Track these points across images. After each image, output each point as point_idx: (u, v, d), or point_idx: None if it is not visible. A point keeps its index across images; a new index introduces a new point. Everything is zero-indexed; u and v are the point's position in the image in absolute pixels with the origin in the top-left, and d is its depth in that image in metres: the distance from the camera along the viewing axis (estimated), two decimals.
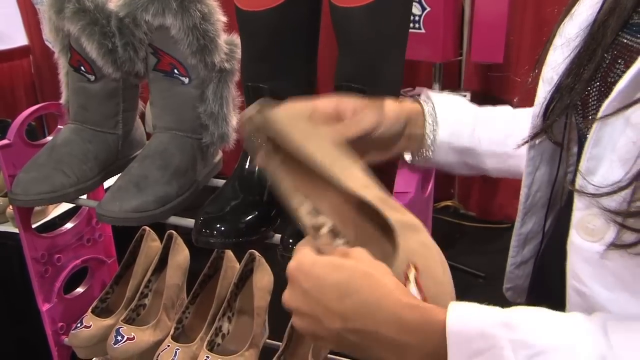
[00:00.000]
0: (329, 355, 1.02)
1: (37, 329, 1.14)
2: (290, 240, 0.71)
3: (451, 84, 2.69)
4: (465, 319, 0.48)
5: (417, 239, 0.55)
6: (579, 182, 0.53)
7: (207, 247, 0.76)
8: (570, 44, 0.60)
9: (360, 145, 0.64)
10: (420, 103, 0.76)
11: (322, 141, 0.59)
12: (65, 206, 1.60)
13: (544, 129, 0.63)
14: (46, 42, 2.47)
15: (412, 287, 0.52)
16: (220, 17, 0.88)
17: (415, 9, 2.20)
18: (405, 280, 0.53)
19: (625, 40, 0.53)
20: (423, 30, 2.23)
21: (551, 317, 0.49)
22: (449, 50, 2.30)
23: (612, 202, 0.49)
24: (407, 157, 0.80)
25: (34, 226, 1.08)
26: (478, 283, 2.34)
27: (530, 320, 0.48)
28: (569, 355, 0.45)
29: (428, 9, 2.18)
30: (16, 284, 1.51)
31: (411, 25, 2.23)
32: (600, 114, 0.51)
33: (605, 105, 0.50)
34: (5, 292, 1.57)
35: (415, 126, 0.74)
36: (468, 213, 3.02)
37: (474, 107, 0.79)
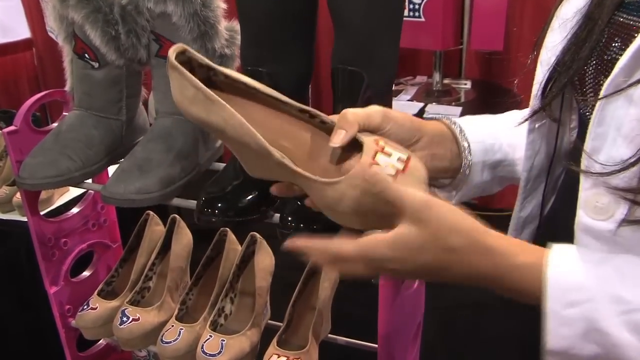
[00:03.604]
0: (329, 335, 1.05)
1: (45, 314, 1.17)
2: (289, 218, 0.73)
3: (452, 72, 2.70)
4: (565, 271, 0.50)
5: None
6: (585, 162, 0.54)
7: (208, 226, 0.78)
8: (567, 25, 0.61)
9: None
10: (445, 124, 0.72)
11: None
12: (69, 194, 1.63)
13: (543, 107, 0.64)
14: (49, 33, 2.50)
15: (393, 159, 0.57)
16: (220, 4, 0.90)
17: None
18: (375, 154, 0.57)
19: (621, 19, 0.55)
20: (423, 19, 2.24)
21: None
22: (449, 38, 2.31)
23: (620, 180, 0.50)
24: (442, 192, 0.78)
25: (40, 214, 1.10)
26: None
27: (627, 274, 0.49)
28: None
29: None
30: (24, 271, 1.54)
31: (411, 13, 2.24)
32: (602, 92, 0.51)
33: (607, 83, 0.51)
34: (13, 279, 1.60)
35: (440, 146, 0.70)
36: (469, 201, 3.02)
37: (491, 118, 0.78)
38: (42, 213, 1.10)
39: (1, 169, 1.67)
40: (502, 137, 0.75)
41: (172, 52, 0.54)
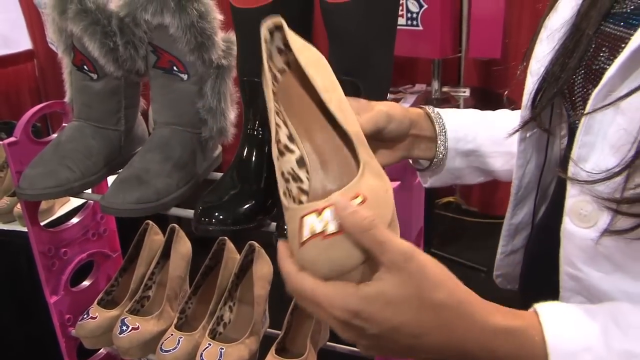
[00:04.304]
0: (327, 343, 1.06)
1: (45, 324, 1.18)
2: (286, 227, 0.74)
3: (451, 80, 2.71)
4: (566, 337, 0.47)
5: (376, 181, 0.51)
6: (571, 169, 0.54)
7: (206, 235, 0.79)
8: (555, 36, 0.62)
9: (370, 144, 0.58)
10: (423, 109, 0.76)
11: (328, 73, 0.61)
12: (70, 205, 1.64)
13: (534, 117, 0.64)
14: (50, 45, 2.51)
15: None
16: (217, 15, 0.91)
17: (413, 6, 2.23)
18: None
19: (608, 29, 0.55)
20: (421, 27, 2.25)
21: None
22: (447, 47, 2.33)
23: (606, 188, 0.50)
24: (421, 174, 0.81)
25: (40, 224, 1.11)
26: (480, 277, 2.37)
27: (622, 325, 0.47)
28: None
29: (425, 6, 2.21)
30: (24, 281, 1.55)
31: (409, 22, 2.26)
32: (590, 102, 0.51)
33: (595, 93, 0.51)
34: (13, 288, 1.61)
35: (420, 129, 0.74)
36: (470, 209, 3.04)
37: (474, 111, 0.80)
38: (43, 223, 1.10)
39: (2, 180, 1.68)
40: (480, 129, 0.77)
41: (270, 22, 0.62)
